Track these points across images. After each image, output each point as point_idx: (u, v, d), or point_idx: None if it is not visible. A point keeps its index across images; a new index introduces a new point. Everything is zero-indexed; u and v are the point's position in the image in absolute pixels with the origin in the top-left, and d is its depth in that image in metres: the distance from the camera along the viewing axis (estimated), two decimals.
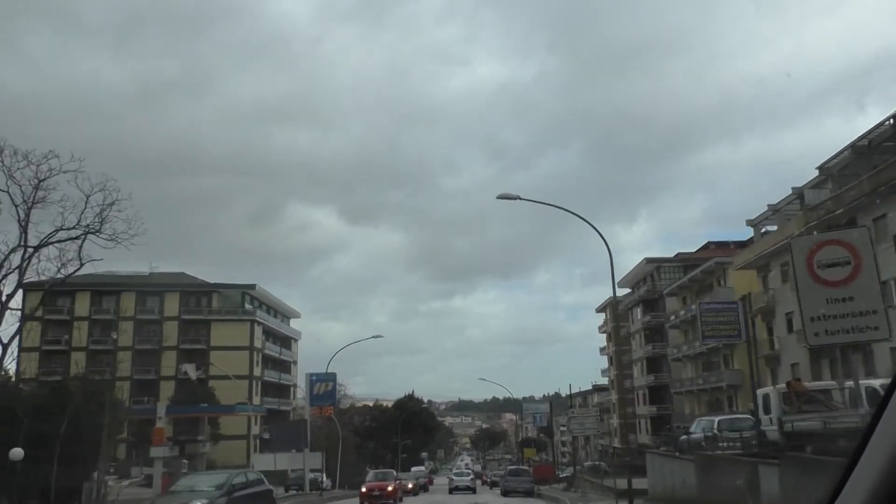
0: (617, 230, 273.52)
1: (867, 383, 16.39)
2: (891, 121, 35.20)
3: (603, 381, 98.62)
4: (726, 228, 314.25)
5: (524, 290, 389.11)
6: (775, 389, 21.44)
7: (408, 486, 43.32)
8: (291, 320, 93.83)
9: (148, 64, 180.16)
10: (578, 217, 24.68)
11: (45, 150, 24.35)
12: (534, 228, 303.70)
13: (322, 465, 47.22)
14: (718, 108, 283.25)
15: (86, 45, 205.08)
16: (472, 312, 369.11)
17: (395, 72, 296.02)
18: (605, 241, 23.69)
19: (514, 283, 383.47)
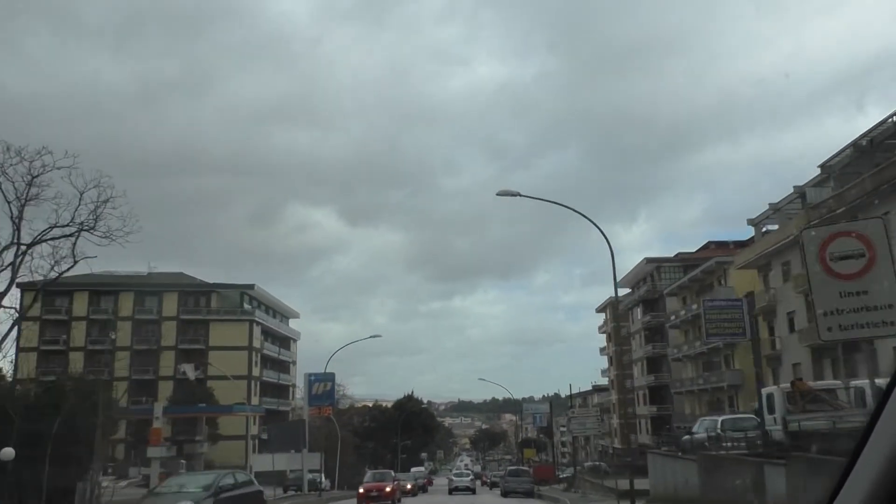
0: (617, 230, 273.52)
1: (881, 382, 16.10)
2: (893, 118, 34.96)
3: (603, 381, 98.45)
4: (726, 228, 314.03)
5: (524, 291, 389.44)
6: (779, 389, 21.20)
7: (406, 486, 42.97)
8: (291, 320, 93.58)
9: (148, 64, 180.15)
10: (578, 213, 24.40)
11: (39, 146, 23.90)
12: (534, 229, 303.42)
13: (321, 465, 46.99)
14: (718, 108, 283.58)
15: (86, 45, 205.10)
16: (472, 313, 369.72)
17: (395, 72, 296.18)
18: (605, 237, 23.42)
19: (513, 283, 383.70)
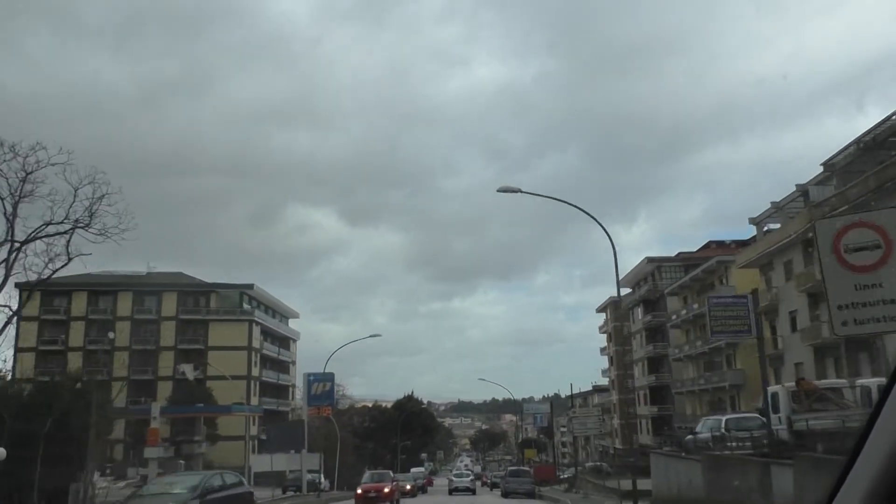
0: (617, 231, 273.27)
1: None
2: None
3: (603, 381, 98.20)
4: (726, 229, 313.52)
5: (524, 291, 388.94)
6: (784, 388, 20.91)
7: (405, 487, 42.61)
8: (290, 320, 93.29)
9: (148, 64, 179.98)
10: (580, 210, 24.15)
11: (32, 142, 23.57)
12: (533, 229, 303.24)
13: (320, 466, 46.72)
14: (718, 108, 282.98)
15: (86, 45, 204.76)
16: (472, 313, 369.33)
17: (395, 72, 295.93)
18: (607, 233, 23.18)
19: (513, 283, 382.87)
